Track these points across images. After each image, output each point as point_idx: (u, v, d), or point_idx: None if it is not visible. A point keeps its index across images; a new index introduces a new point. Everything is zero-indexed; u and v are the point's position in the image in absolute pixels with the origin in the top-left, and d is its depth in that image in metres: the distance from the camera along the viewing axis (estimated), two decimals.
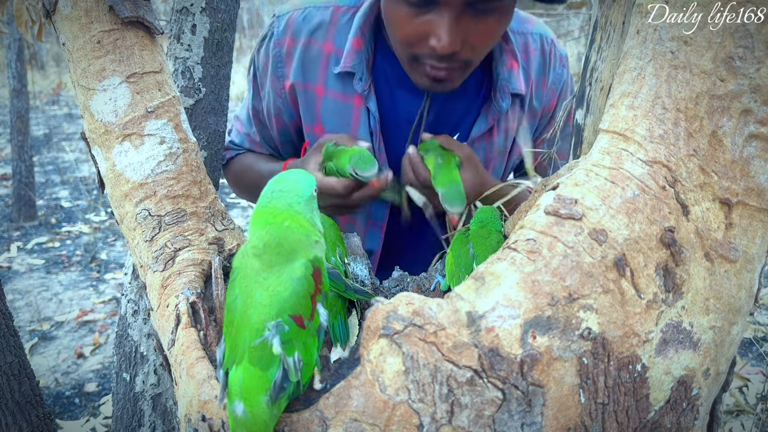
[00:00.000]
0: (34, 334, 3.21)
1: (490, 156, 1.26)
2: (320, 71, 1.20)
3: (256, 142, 1.36)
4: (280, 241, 0.65)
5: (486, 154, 1.26)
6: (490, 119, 1.20)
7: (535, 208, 0.67)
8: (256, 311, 0.62)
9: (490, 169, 1.28)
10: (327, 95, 1.20)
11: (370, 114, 1.18)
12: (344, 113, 1.19)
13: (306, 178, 0.71)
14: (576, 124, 0.89)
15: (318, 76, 1.20)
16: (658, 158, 0.63)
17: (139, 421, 1.29)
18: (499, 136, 1.25)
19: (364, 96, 1.17)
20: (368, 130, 1.19)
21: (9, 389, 1.05)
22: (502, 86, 1.18)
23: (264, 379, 0.60)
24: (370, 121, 1.18)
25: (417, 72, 1.08)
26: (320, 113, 1.22)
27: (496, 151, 1.27)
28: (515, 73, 1.19)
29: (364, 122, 1.19)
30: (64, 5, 0.82)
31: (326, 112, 1.21)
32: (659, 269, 0.62)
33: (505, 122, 1.24)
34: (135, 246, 0.83)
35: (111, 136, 0.82)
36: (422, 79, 1.08)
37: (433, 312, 0.60)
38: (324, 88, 1.20)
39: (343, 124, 1.20)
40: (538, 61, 1.25)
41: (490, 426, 0.59)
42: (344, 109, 1.19)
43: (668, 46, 0.64)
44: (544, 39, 1.26)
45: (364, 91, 1.17)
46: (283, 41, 1.21)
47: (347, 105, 1.19)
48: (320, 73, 1.20)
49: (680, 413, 0.65)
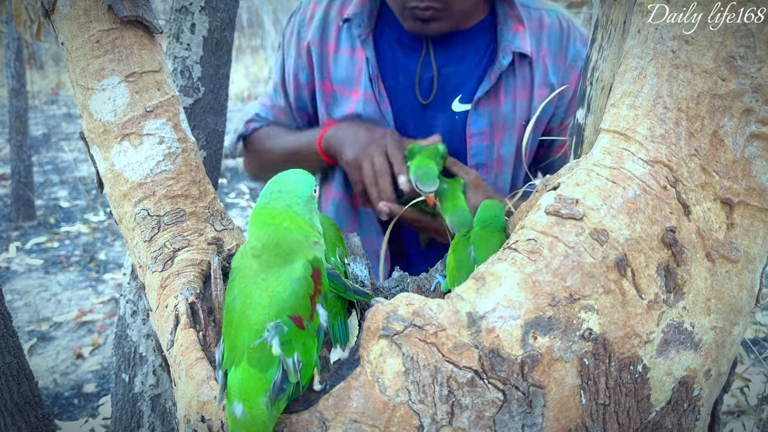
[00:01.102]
0: (32, 334, 3.21)
1: (495, 122, 1.26)
2: (334, 31, 1.30)
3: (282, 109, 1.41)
4: (278, 242, 0.64)
5: (491, 119, 1.26)
6: (492, 78, 1.24)
7: (536, 208, 0.66)
8: (255, 312, 0.62)
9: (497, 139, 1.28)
10: (338, 52, 1.31)
11: (369, 61, 1.26)
12: (350, 65, 1.29)
13: (305, 178, 0.70)
14: (577, 123, 0.88)
15: (331, 37, 1.30)
16: (660, 158, 0.63)
17: (138, 422, 1.29)
18: (506, 102, 1.25)
19: (362, 41, 1.26)
20: (368, 78, 1.27)
21: (8, 390, 1.05)
22: (504, 47, 1.23)
23: (263, 380, 0.60)
24: (369, 68, 1.27)
25: (407, 18, 1.19)
26: (330, 69, 1.31)
27: (502, 119, 1.26)
28: (520, 35, 1.23)
29: (365, 69, 1.27)
30: (62, 4, 0.81)
31: (336, 67, 1.31)
32: (660, 269, 0.62)
33: (512, 83, 1.25)
34: (134, 246, 0.83)
35: (110, 135, 0.82)
36: (413, 24, 1.19)
37: (433, 313, 0.60)
38: (336, 46, 1.30)
39: (348, 75, 1.29)
40: (555, 35, 1.28)
41: (490, 427, 0.59)
42: (351, 62, 1.29)
43: (669, 45, 0.63)
44: (561, 16, 1.30)
45: (361, 35, 1.26)
46: (307, 9, 1.35)
47: (354, 58, 1.29)
48: (334, 33, 1.30)
49: (681, 414, 0.65)
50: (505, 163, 1.30)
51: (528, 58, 1.25)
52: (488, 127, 1.26)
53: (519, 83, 1.26)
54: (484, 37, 1.27)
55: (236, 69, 9.89)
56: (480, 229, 0.89)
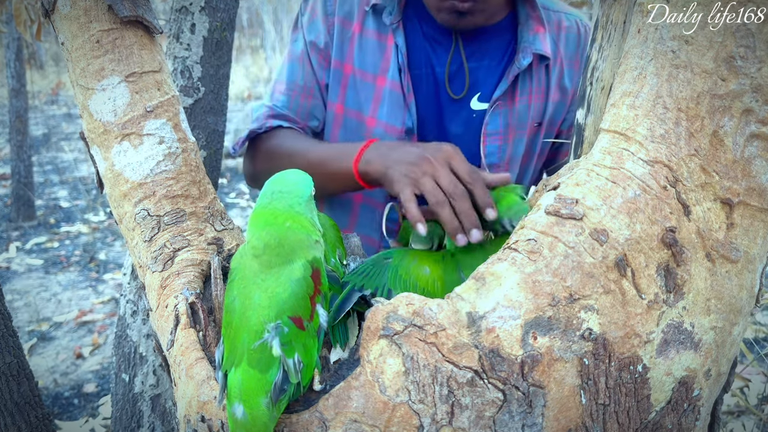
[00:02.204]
0: (32, 334, 3.21)
1: (510, 123, 1.26)
2: (359, 11, 1.26)
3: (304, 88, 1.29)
4: (281, 241, 0.64)
5: (507, 119, 1.25)
6: (510, 77, 1.22)
7: (536, 208, 0.66)
8: (255, 313, 0.62)
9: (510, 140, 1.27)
10: (363, 33, 1.25)
11: (398, 49, 1.22)
12: (377, 51, 1.24)
13: (305, 178, 0.71)
14: (577, 123, 0.88)
15: (357, 15, 1.26)
16: (660, 158, 0.63)
17: (138, 422, 1.29)
18: (521, 103, 1.25)
19: (392, 29, 1.22)
20: (397, 67, 1.23)
21: (8, 390, 1.05)
22: (525, 47, 1.22)
23: (263, 381, 0.60)
24: (398, 57, 1.23)
25: (444, 10, 1.15)
26: (353, 50, 1.25)
27: (516, 119, 1.26)
28: (540, 36, 1.22)
29: (394, 58, 1.23)
30: (63, 4, 0.81)
31: (360, 50, 1.25)
32: (660, 269, 0.62)
33: (528, 84, 1.24)
34: (134, 246, 0.83)
35: (110, 135, 0.82)
36: (449, 17, 1.15)
37: (433, 312, 0.60)
38: (361, 26, 1.26)
39: (375, 60, 1.24)
40: (572, 40, 1.28)
41: (490, 427, 0.59)
42: (378, 47, 1.24)
43: (669, 45, 0.64)
44: (579, 22, 1.30)
45: (392, 24, 1.22)
46: None
47: (382, 44, 1.24)
48: (359, 13, 1.26)
49: (681, 414, 0.65)
50: (514, 163, 1.30)
51: (546, 60, 1.24)
52: (503, 128, 1.25)
53: (534, 85, 1.25)
54: (504, 36, 1.25)
55: (236, 69, 9.89)
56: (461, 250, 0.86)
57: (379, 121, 1.24)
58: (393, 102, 1.23)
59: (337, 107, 1.28)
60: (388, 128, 1.23)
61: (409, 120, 1.22)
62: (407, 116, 1.22)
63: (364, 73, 1.25)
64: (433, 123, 1.26)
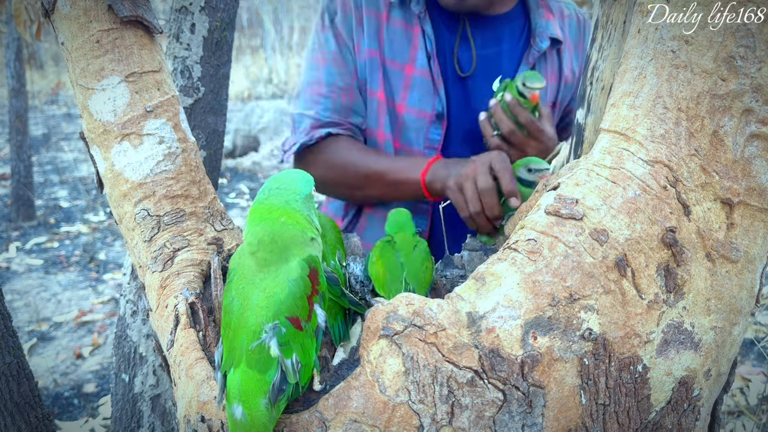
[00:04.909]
0: (32, 334, 3.20)
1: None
2: (384, 2, 1.31)
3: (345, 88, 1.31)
4: (274, 237, 0.64)
5: None
6: (531, 61, 1.31)
7: (536, 208, 0.66)
8: (253, 313, 0.62)
9: None
10: (390, 22, 1.32)
11: (426, 36, 1.28)
12: (405, 39, 1.30)
13: (304, 176, 0.70)
14: (577, 123, 0.88)
15: (383, 5, 1.32)
16: (660, 158, 0.63)
17: (138, 422, 1.29)
18: None
19: (421, 18, 1.29)
20: (426, 54, 1.29)
21: (8, 390, 1.05)
22: (540, 33, 1.32)
23: (262, 381, 0.60)
24: (426, 44, 1.29)
25: None
26: (383, 39, 1.31)
27: None
28: (552, 22, 1.33)
29: (422, 45, 1.29)
30: (62, 4, 0.81)
31: (388, 38, 1.31)
32: (660, 269, 0.62)
33: (543, 66, 1.33)
34: (134, 246, 0.83)
35: (110, 135, 0.82)
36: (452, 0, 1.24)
37: (433, 312, 0.60)
38: (388, 15, 1.31)
39: (402, 49, 1.30)
40: (574, 27, 1.39)
41: (490, 427, 0.59)
42: (405, 35, 1.31)
43: (669, 45, 0.63)
44: (576, 10, 1.41)
45: (420, 12, 1.28)
46: None
47: (408, 32, 1.31)
48: (384, 3, 1.32)
49: (681, 414, 0.65)
50: None
51: (558, 43, 1.34)
52: None
53: (549, 67, 1.35)
54: (517, 23, 1.35)
55: (236, 69, 9.89)
56: (397, 232, 0.92)
57: (409, 107, 1.30)
58: (423, 88, 1.29)
59: (380, 94, 1.32)
60: (420, 114, 1.30)
61: (439, 105, 1.29)
62: (437, 101, 1.29)
63: (393, 62, 1.31)
64: (461, 107, 1.33)
